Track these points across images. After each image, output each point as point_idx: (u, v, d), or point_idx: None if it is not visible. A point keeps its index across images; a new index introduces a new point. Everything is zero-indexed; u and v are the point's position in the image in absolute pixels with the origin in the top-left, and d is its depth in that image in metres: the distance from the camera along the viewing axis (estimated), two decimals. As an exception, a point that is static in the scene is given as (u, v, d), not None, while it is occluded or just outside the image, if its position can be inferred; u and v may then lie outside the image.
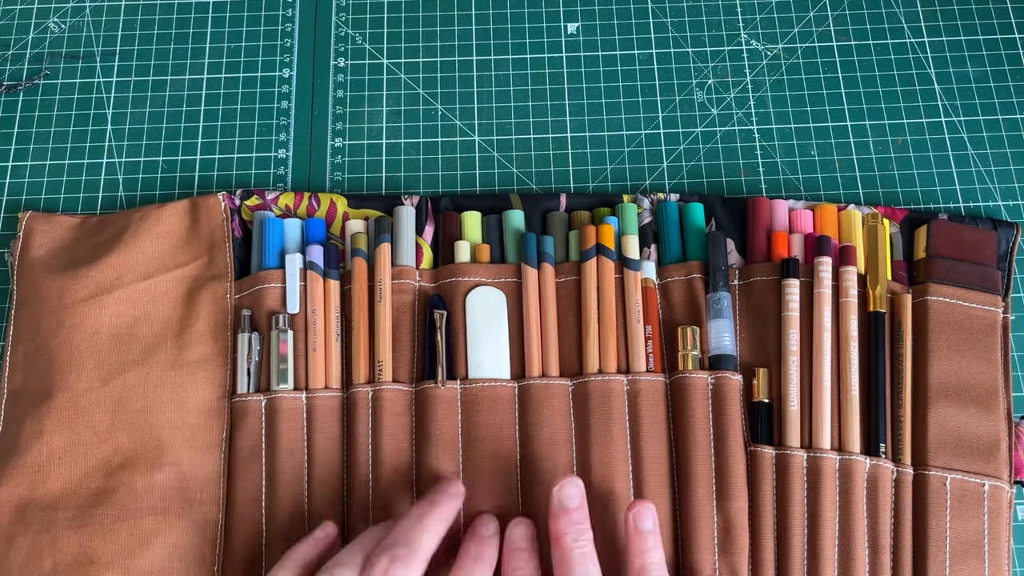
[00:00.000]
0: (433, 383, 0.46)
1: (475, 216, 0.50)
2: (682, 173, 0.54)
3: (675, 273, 0.49)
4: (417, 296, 0.48)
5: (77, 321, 0.47)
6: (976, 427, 0.46)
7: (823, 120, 0.56)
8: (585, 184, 0.54)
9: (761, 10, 0.59)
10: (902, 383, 0.47)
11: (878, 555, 0.44)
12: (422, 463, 0.45)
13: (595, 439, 0.45)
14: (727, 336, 0.47)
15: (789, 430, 0.45)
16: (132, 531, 0.44)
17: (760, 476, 0.45)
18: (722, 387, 0.46)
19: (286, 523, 0.44)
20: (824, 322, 0.47)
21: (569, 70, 0.57)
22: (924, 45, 0.58)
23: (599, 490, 0.44)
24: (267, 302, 0.48)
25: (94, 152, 0.55)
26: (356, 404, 0.46)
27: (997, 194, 0.54)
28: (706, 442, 0.45)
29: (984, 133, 0.55)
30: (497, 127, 0.56)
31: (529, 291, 0.48)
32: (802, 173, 0.54)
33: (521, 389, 0.46)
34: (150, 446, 0.45)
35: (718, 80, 0.57)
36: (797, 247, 0.49)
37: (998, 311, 0.48)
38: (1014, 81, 0.57)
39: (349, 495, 0.45)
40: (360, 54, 0.58)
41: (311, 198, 0.51)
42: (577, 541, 0.40)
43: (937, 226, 0.50)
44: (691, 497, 0.44)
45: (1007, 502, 0.46)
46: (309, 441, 0.46)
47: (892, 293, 0.48)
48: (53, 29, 0.59)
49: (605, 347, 0.47)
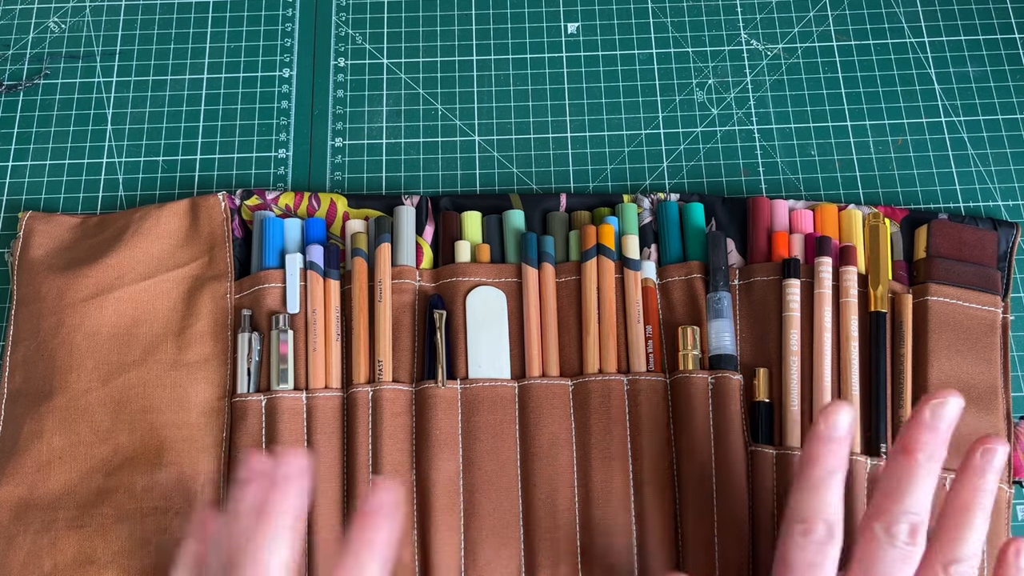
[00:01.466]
0: (433, 383, 0.46)
1: (475, 216, 0.50)
2: (682, 173, 0.54)
3: (675, 273, 0.49)
4: (417, 296, 0.48)
5: (77, 321, 0.47)
6: (976, 427, 0.46)
7: (823, 120, 0.56)
8: (585, 184, 0.54)
9: (761, 10, 0.59)
10: (903, 383, 0.47)
11: (878, 555, 0.44)
12: (422, 463, 0.45)
13: (595, 439, 0.45)
14: (727, 336, 0.47)
15: (790, 430, 0.45)
16: (132, 531, 0.44)
17: (761, 476, 0.45)
18: (722, 387, 0.46)
19: (286, 523, 0.44)
20: (824, 322, 0.47)
21: (569, 70, 0.57)
22: (924, 45, 0.58)
23: (599, 490, 0.44)
24: (267, 302, 0.48)
25: (94, 152, 0.55)
26: (356, 404, 0.46)
27: (997, 194, 0.54)
28: (706, 442, 0.45)
29: (984, 133, 0.55)
30: (497, 127, 0.56)
31: (529, 291, 0.48)
32: (802, 173, 0.54)
33: (521, 389, 0.46)
34: (150, 446, 0.45)
35: (718, 80, 0.57)
36: (797, 247, 0.49)
37: (998, 311, 0.48)
38: (1014, 81, 0.57)
39: (349, 495, 0.45)
40: (360, 54, 0.58)
41: (311, 198, 0.51)
42: (930, 460, 0.36)
43: (937, 226, 0.50)
44: (691, 497, 0.44)
45: (1006, 502, 0.46)
46: (309, 441, 0.46)
47: (893, 293, 0.48)
48: (53, 29, 0.59)
49: (605, 347, 0.47)
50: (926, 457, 0.36)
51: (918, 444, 0.36)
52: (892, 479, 0.36)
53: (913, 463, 0.36)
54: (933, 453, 0.36)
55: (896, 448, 0.37)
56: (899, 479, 0.36)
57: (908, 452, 0.36)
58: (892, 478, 0.36)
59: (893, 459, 0.37)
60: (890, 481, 0.36)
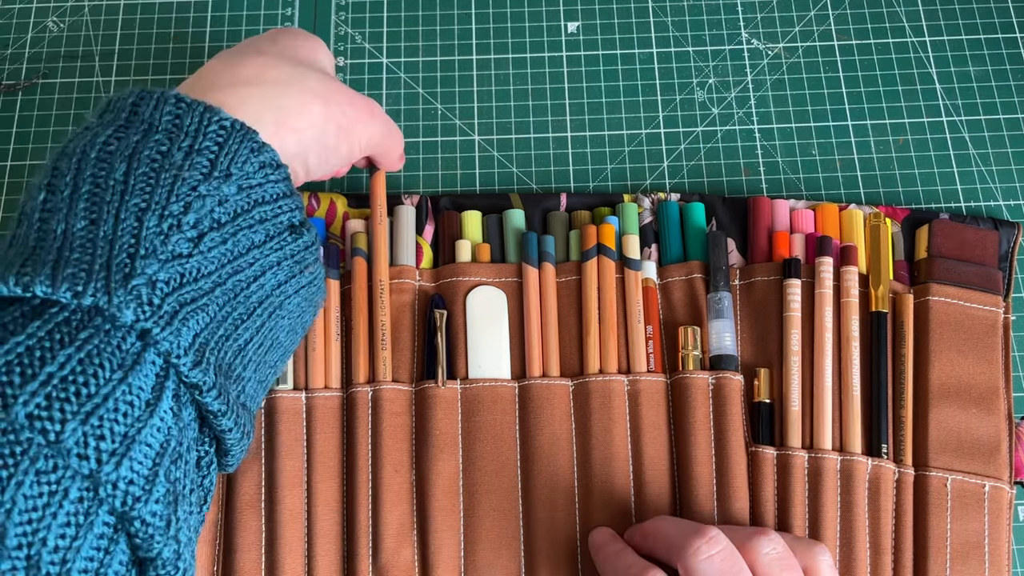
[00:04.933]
0: (433, 383, 0.46)
1: (475, 216, 0.50)
2: (683, 173, 0.54)
3: (676, 273, 0.49)
4: (417, 296, 0.48)
5: (76, 321, 0.47)
6: (977, 428, 0.46)
7: (824, 119, 0.56)
8: (585, 184, 0.54)
9: (762, 9, 0.59)
10: (904, 383, 0.47)
11: (879, 556, 0.44)
12: (422, 463, 0.45)
13: (596, 439, 0.45)
14: (728, 336, 0.47)
15: (790, 430, 0.45)
16: (132, 532, 0.44)
17: (761, 477, 0.45)
18: (723, 387, 0.46)
19: (286, 523, 0.44)
20: (825, 322, 0.47)
21: (569, 70, 0.57)
22: (925, 44, 0.58)
23: (599, 491, 0.44)
24: (267, 302, 0.48)
25: (93, 152, 0.55)
26: (356, 404, 0.46)
27: (998, 194, 0.54)
28: (707, 442, 0.45)
29: (985, 132, 0.55)
30: (497, 127, 0.56)
31: (530, 291, 0.48)
32: (803, 172, 0.54)
33: (522, 389, 0.46)
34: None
35: (719, 79, 0.57)
36: (798, 247, 0.49)
37: (999, 311, 0.48)
38: (1015, 80, 0.57)
39: (349, 495, 0.45)
40: (360, 53, 0.58)
41: (311, 198, 0.51)
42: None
43: (938, 226, 0.49)
44: (692, 497, 0.44)
45: (1007, 503, 0.45)
46: (309, 441, 0.45)
47: (894, 293, 0.48)
48: (52, 29, 0.58)
49: (606, 347, 0.47)
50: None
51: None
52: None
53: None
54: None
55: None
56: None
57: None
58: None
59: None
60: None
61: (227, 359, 0.33)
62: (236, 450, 0.35)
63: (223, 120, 0.33)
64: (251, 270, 0.33)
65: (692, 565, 0.37)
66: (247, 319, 0.34)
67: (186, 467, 0.31)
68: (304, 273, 0.36)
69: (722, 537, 0.38)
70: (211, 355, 0.32)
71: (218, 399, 0.32)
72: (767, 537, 0.39)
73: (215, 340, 0.32)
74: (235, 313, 0.33)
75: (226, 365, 0.33)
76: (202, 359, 0.31)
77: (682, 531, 0.39)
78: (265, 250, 0.34)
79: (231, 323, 0.33)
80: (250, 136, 0.33)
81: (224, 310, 0.32)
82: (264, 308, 0.35)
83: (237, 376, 0.34)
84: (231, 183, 0.32)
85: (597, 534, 0.43)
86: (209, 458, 0.35)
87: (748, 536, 0.39)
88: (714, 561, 0.37)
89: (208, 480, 0.35)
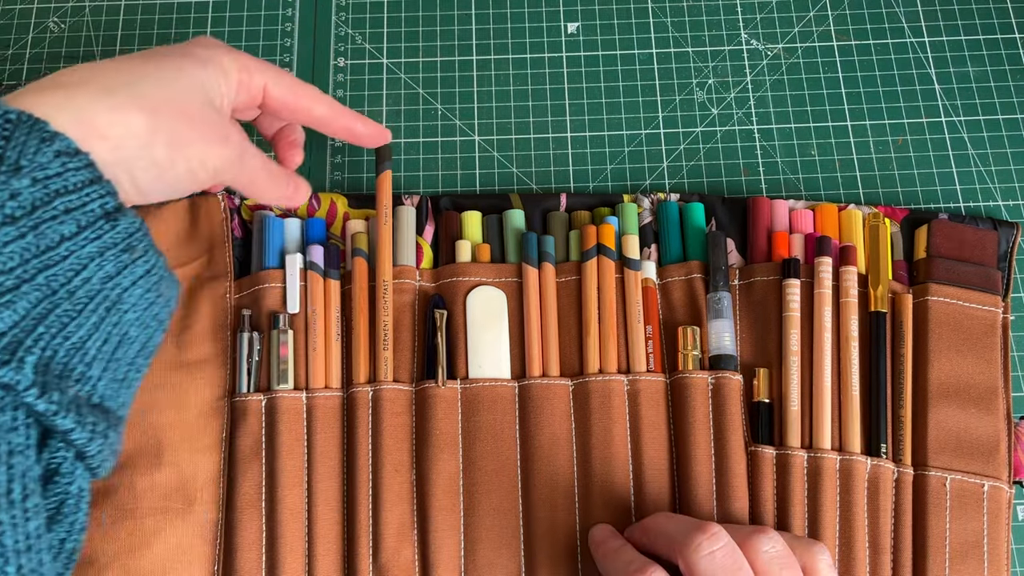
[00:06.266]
0: (433, 383, 0.46)
1: (475, 216, 0.50)
2: (682, 173, 0.54)
3: (675, 273, 0.49)
4: (417, 296, 0.48)
5: (76, 321, 0.47)
6: (976, 427, 0.46)
7: (823, 120, 0.56)
8: (585, 184, 0.54)
9: (761, 10, 0.59)
10: (903, 383, 0.47)
11: (879, 555, 0.44)
12: (422, 463, 0.45)
13: (595, 439, 0.45)
14: (727, 336, 0.47)
15: (790, 430, 0.45)
16: (132, 531, 0.44)
17: (761, 476, 0.45)
18: (722, 387, 0.46)
19: (286, 523, 0.44)
20: (825, 322, 0.47)
21: (569, 70, 0.57)
22: (924, 45, 0.58)
23: (599, 490, 0.44)
24: (267, 302, 0.48)
25: (94, 152, 0.55)
26: (356, 404, 0.46)
27: (997, 194, 0.54)
28: (707, 442, 0.45)
29: (984, 133, 0.55)
30: (497, 127, 0.56)
31: (530, 291, 0.48)
32: (802, 173, 0.54)
33: (522, 389, 0.46)
34: (150, 446, 0.45)
35: (718, 80, 0.57)
36: (798, 247, 0.49)
37: (998, 311, 0.48)
38: (1014, 81, 0.57)
39: (350, 495, 0.45)
40: (360, 54, 0.58)
41: (311, 198, 0.51)
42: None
43: (937, 226, 0.50)
44: (692, 497, 0.44)
45: (1006, 502, 0.46)
46: (309, 441, 0.46)
47: (893, 293, 0.48)
48: (53, 29, 0.59)
49: (606, 347, 0.47)
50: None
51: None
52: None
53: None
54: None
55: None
56: None
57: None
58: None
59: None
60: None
61: (59, 357, 0.31)
62: (92, 451, 0.33)
63: (8, 114, 0.31)
64: (67, 263, 0.32)
65: (694, 561, 0.37)
66: (78, 315, 0.32)
67: (10, 472, 0.30)
68: (137, 263, 0.34)
69: (723, 533, 0.38)
70: (26, 354, 0.30)
71: (42, 398, 0.30)
72: (767, 536, 0.39)
73: (32, 338, 0.30)
74: (58, 310, 0.32)
75: (58, 364, 0.31)
76: (12, 358, 0.30)
77: (683, 527, 0.39)
78: (79, 240, 0.32)
79: (55, 320, 0.31)
80: (39, 126, 0.32)
81: (41, 307, 0.31)
82: (98, 303, 0.33)
83: (80, 375, 0.33)
84: (22, 176, 0.31)
85: (597, 531, 0.43)
86: (68, 464, 0.33)
87: (748, 534, 0.39)
88: (716, 557, 0.37)
89: (74, 486, 0.33)
